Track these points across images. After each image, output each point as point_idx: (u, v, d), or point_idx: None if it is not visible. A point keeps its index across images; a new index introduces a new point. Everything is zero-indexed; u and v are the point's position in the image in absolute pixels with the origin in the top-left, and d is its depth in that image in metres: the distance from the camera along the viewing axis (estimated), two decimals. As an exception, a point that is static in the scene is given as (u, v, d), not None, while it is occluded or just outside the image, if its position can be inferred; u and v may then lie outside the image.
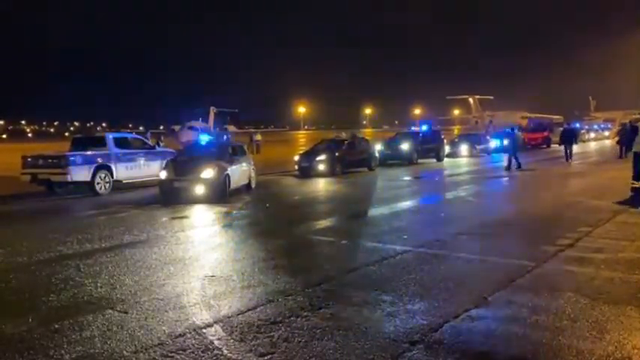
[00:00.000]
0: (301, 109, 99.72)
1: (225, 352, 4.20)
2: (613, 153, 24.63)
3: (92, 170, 15.17)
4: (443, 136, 29.42)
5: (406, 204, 12.55)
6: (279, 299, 5.43)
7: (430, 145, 26.99)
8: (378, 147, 26.09)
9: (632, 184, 11.12)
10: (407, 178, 19.20)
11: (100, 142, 16.23)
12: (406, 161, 24.86)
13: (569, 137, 24.94)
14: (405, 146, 25.46)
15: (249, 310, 5.13)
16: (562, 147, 24.48)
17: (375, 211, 11.32)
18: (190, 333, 4.59)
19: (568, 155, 23.89)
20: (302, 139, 64.06)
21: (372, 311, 5.04)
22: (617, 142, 25.54)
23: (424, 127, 29.07)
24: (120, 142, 16.63)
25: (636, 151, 11.20)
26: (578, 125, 43.77)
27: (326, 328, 4.61)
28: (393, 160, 25.06)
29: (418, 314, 4.91)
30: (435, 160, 26.66)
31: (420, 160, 25.63)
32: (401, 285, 5.83)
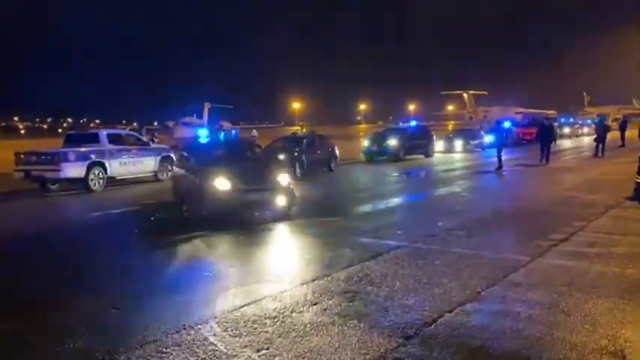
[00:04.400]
0: (296, 105, 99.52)
1: (221, 347, 4.20)
2: (607, 147, 24.06)
3: (86, 167, 15.11)
4: (432, 132, 29.14)
5: (389, 202, 12.57)
6: (274, 295, 5.43)
7: (419, 141, 26.46)
8: (365, 143, 25.86)
9: (637, 179, 11.13)
10: (389, 175, 19.17)
11: (94, 139, 16.17)
12: (393, 157, 24.32)
13: (546, 135, 20.99)
14: (391, 142, 24.89)
15: (244, 305, 5.13)
16: (543, 146, 20.68)
17: (364, 208, 11.34)
18: (186, 329, 4.58)
19: (544, 155, 20.36)
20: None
21: (367, 306, 5.05)
22: (595, 140, 23.59)
23: (412, 123, 28.80)
24: (114, 139, 16.57)
25: None
26: (556, 123, 42.27)
27: (321, 323, 4.62)
28: (380, 156, 24.61)
29: (413, 309, 4.92)
30: (423, 157, 26.28)
31: (408, 157, 25.20)
32: (396, 280, 5.84)
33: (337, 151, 21.44)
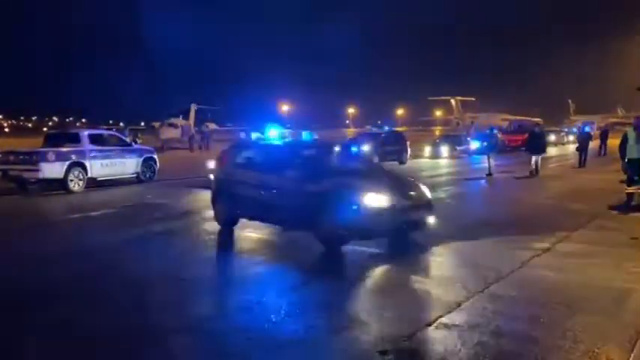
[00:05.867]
0: (284, 108, 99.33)
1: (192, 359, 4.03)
2: (589, 155, 23.97)
3: (65, 167, 14.78)
4: (406, 138, 28.25)
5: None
6: (252, 305, 5.25)
7: (392, 148, 25.66)
8: (336, 149, 25.14)
9: (626, 189, 11.15)
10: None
11: (75, 139, 15.85)
12: None
13: (538, 144, 18.65)
14: (364, 148, 23.60)
15: (216, 316, 4.96)
16: (533, 155, 18.44)
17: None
18: (157, 338, 4.40)
19: (535, 167, 18.33)
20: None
21: (346, 319, 4.89)
22: (577, 149, 22.63)
23: (385, 128, 27.93)
24: (95, 139, 16.25)
25: (631, 158, 11.21)
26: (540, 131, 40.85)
27: (294, 338, 4.46)
28: None
29: (391, 322, 4.78)
30: (397, 163, 25.14)
31: (383, 163, 24.43)
32: (375, 290, 5.72)
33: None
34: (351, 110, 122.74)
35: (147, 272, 6.57)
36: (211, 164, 15.23)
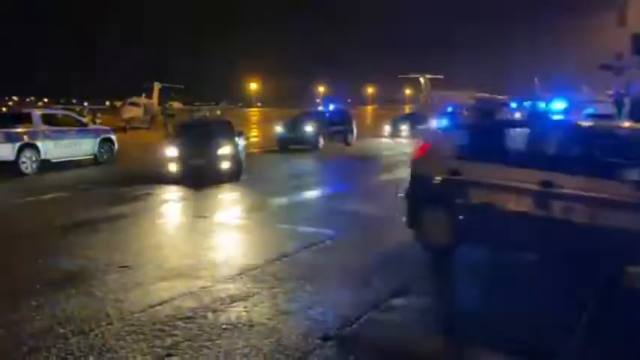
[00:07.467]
0: (253, 86, 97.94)
1: (121, 353, 3.85)
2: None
3: (16, 148, 14.14)
4: (352, 117, 25.53)
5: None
6: (194, 292, 5.07)
7: (338, 128, 23.13)
8: (278, 129, 22.55)
9: None
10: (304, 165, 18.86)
11: (26, 119, 15.15)
12: (309, 145, 20.92)
13: None
14: (308, 128, 21.60)
15: (157, 305, 4.75)
16: None
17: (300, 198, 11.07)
18: (89, 331, 4.18)
19: None
20: (254, 116, 62.92)
21: (291, 303, 4.78)
22: None
23: (331, 107, 25.44)
24: (48, 119, 15.58)
25: None
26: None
27: (237, 324, 4.31)
28: (294, 144, 21.14)
29: (338, 306, 4.68)
30: (343, 145, 22.75)
31: (327, 144, 21.58)
32: (327, 273, 5.62)
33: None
34: (321, 89, 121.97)
35: (91, 258, 6.30)
36: (171, 152, 12.83)
